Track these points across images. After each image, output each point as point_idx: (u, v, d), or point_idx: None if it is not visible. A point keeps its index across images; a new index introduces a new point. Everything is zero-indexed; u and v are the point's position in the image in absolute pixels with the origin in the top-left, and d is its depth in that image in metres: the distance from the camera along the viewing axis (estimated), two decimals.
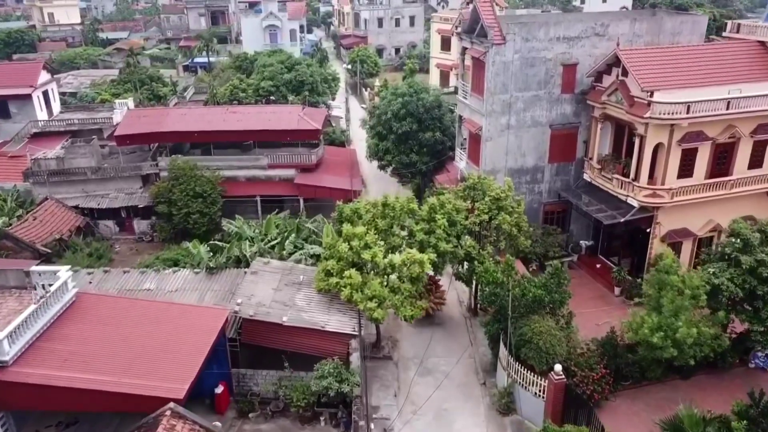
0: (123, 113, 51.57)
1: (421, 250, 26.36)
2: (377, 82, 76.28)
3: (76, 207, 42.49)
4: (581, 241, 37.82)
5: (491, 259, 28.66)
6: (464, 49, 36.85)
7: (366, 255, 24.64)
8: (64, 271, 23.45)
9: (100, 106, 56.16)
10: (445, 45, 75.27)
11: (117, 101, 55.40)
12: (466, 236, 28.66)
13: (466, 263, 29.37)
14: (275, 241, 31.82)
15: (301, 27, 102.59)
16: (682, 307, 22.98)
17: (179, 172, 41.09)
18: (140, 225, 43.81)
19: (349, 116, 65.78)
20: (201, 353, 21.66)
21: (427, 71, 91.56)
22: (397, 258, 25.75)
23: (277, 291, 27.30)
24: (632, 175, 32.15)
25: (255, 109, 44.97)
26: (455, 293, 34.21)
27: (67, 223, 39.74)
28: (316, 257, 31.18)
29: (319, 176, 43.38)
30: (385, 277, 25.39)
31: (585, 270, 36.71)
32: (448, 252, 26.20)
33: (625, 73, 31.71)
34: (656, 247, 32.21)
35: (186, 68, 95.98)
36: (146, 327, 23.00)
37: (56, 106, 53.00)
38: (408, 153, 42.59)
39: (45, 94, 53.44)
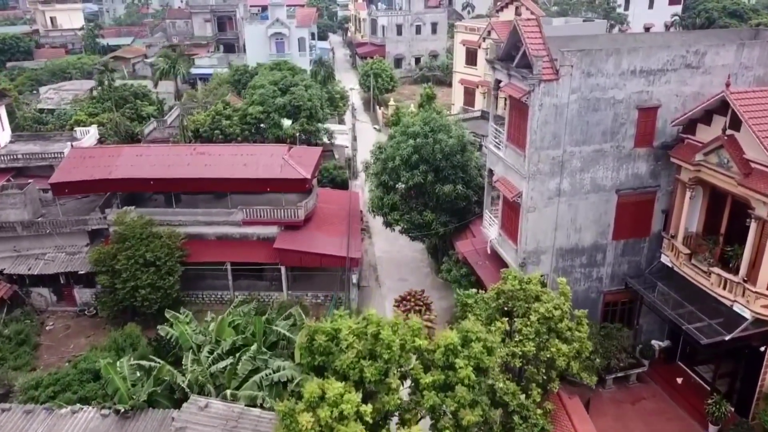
0: (82, 144, 42.95)
1: (434, 418, 16.72)
2: (391, 101, 66.72)
3: (0, 272, 33.76)
4: (653, 341, 27.80)
5: (539, 410, 18.91)
6: (498, 82, 27.09)
7: None
8: None
9: (58, 134, 47.42)
10: (471, 58, 65.37)
11: (78, 129, 46.86)
12: (499, 376, 18.83)
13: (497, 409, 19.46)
14: (226, 362, 22.35)
15: (312, 35, 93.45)
16: None
17: (127, 232, 32.03)
18: (83, 294, 34.91)
19: (357, 145, 56.15)
20: None
21: (449, 84, 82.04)
22: None
23: None
24: (743, 271, 22.10)
25: (228, 149, 35.76)
26: None
27: None
28: (283, 385, 21.73)
29: (308, 236, 33.95)
30: None
31: (661, 384, 26.78)
32: (477, 423, 16.43)
33: (736, 124, 21.68)
34: None
35: (184, 80, 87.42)
36: None
37: (4, 136, 44.37)
38: (421, 210, 32.91)
39: None
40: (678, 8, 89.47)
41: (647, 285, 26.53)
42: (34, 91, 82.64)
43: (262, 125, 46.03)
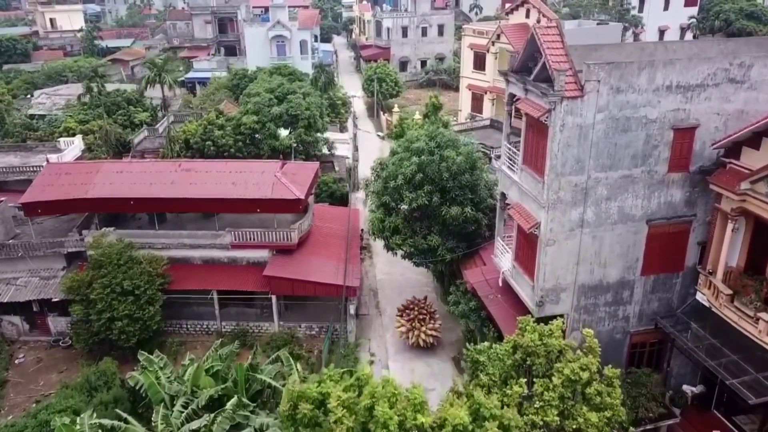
0: (65, 156, 40.31)
1: None
2: (395, 108, 63.78)
3: None
4: (685, 387, 24.78)
5: None
6: (512, 97, 24.11)
7: None
8: None
9: (41, 144, 44.71)
10: (479, 63, 62.37)
11: (62, 140, 44.18)
12: None
13: None
14: (200, 422, 19.46)
15: (315, 37, 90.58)
16: None
17: (103, 258, 29.25)
18: (57, 323, 32.18)
19: (358, 156, 53.20)
20: None
21: (456, 89, 79.02)
22: None
23: None
24: None
25: (216, 166, 32.89)
26: None
27: None
28: None
29: (301, 262, 31.06)
30: None
31: None
32: None
33: None
34: None
35: (182, 84, 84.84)
36: None
37: None
38: (425, 234, 29.96)
39: None
40: (694, 10, 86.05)
41: (680, 325, 23.55)
42: (29, 96, 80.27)
43: (257, 136, 43.17)
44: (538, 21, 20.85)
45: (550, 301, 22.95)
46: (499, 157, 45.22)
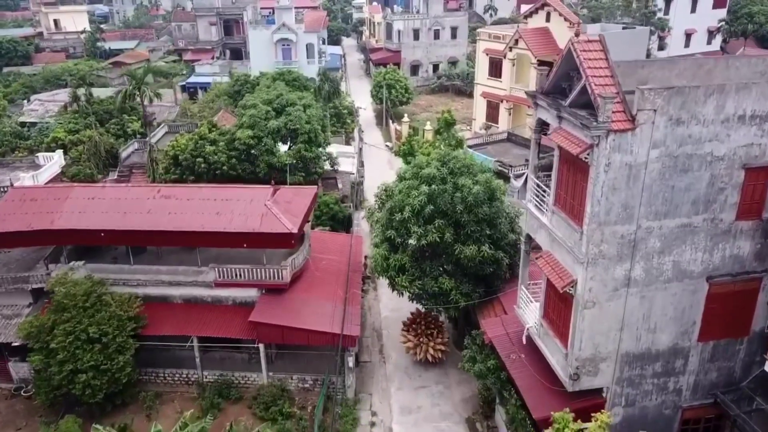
0: (41, 174, 36.85)
1: None
2: (405, 117, 59.75)
3: None
4: None
5: None
6: (542, 124, 20.07)
7: None
8: None
9: (19, 160, 41.24)
10: (495, 70, 58.26)
11: (41, 155, 40.68)
12: None
13: None
14: None
15: (322, 40, 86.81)
16: None
17: (66, 300, 25.56)
18: (20, 369, 28.50)
19: (364, 171, 49.26)
20: None
21: (469, 95, 74.96)
22: None
23: None
24: None
25: (199, 192, 29.04)
26: None
27: None
28: None
29: (294, 304, 27.18)
30: None
31: None
32: None
33: None
34: None
35: (184, 89, 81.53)
36: None
37: None
38: (436, 276, 25.99)
39: None
40: (722, 12, 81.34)
41: (743, 401, 19.50)
42: (26, 100, 77.17)
43: (252, 152, 39.36)
44: (577, 35, 16.60)
45: (587, 373, 18.93)
46: (518, 176, 41.29)
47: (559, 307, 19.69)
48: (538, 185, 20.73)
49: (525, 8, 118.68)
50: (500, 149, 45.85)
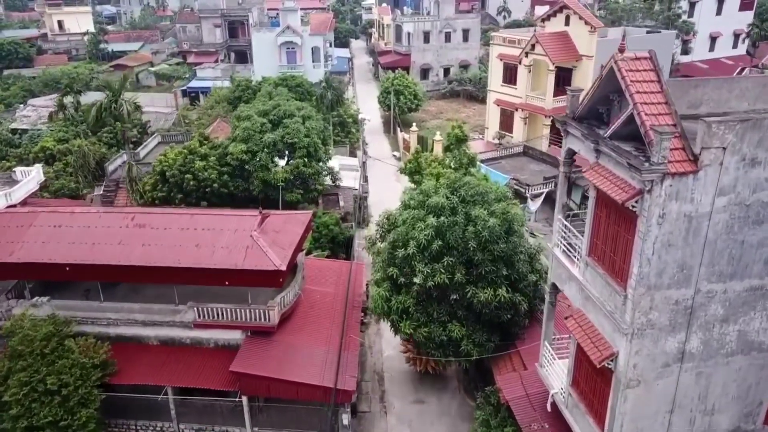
0: (16, 192, 33.93)
1: None
2: (413, 127, 56.30)
3: None
4: None
5: None
6: (572, 154, 16.65)
7: None
8: None
9: None
10: (510, 76, 54.77)
11: (18, 169, 37.69)
12: None
13: None
14: None
15: (329, 43, 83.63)
16: None
17: (23, 345, 22.46)
18: None
19: (368, 187, 45.90)
20: None
21: (482, 100, 71.46)
22: None
23: None
24: None
25: (177, 220, 25.76)
26: None
27: None
28: None
29: (282, 348, 23.91)
30: None
31: None
32: None
33: None
34: None
35: (184, 94, 78.66)
36: None
37: None
38: (445, 322, 22.60)
39: None
40: (749, 15, 77.14)
41: None
42: (21, 105, 74.58)
43: (246, 167, 36.17)
44: (621, 51, 13.04)
45: None
46: (536, 196, 37.82)
47: (592, 378, 16.24)
48: (567, 227, 17.28)
49: (539, 9, 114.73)
50: (516, 164, 42.45)
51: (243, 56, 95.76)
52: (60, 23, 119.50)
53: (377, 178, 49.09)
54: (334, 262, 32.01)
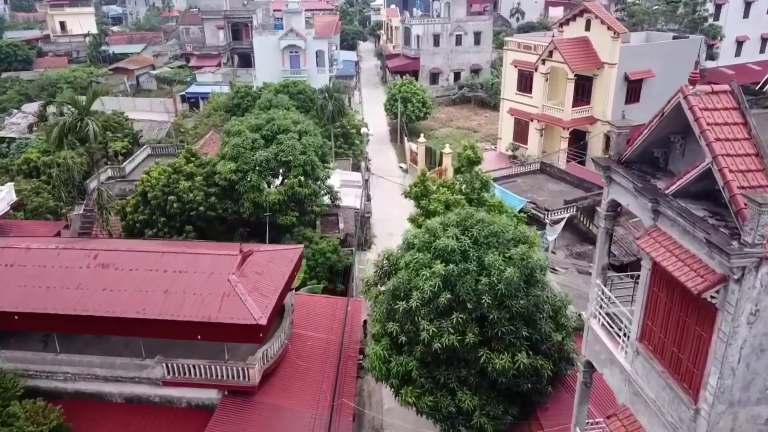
0: None
1: None
2: (421, 138, 52.76)
3: None
4: None
5: None
6: (616, 207, 13.09)
7: None
8: None
9: None
10: (525, 84, 51.25)
11: None
12: None
13: None
14: None
15: (335, 46, 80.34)
16: None
17: None
18: None
19: (371, 207, 42.40)
20: None
21: (494, 107, 67.86)
22: None
23: None
24: None
25: (145, 260, 22.32)
26: None
27: None
28: None
29: (263, 413, 20.52)
30: None
31: None
32: None
33: None
34: None
35: (184, 99, 75.59)
36: None
37: None
38: (453, 389, 19.06)
39: None
40: None
41: None
42: (15, 110, 71.72)
43: (236, 188, 32.82)
44: (692, 83, 9.36)
45: None
46: (555, 223, 34.11)
47: None
48: (605, 295, 13.71)
49: (553, 11, 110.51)
50: (532, 183, 38.78)
51: (247, 59, 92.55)
52: (62, 24, 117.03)
53: (382, 192, 45.53)
54: (328, 299, 28.52)
